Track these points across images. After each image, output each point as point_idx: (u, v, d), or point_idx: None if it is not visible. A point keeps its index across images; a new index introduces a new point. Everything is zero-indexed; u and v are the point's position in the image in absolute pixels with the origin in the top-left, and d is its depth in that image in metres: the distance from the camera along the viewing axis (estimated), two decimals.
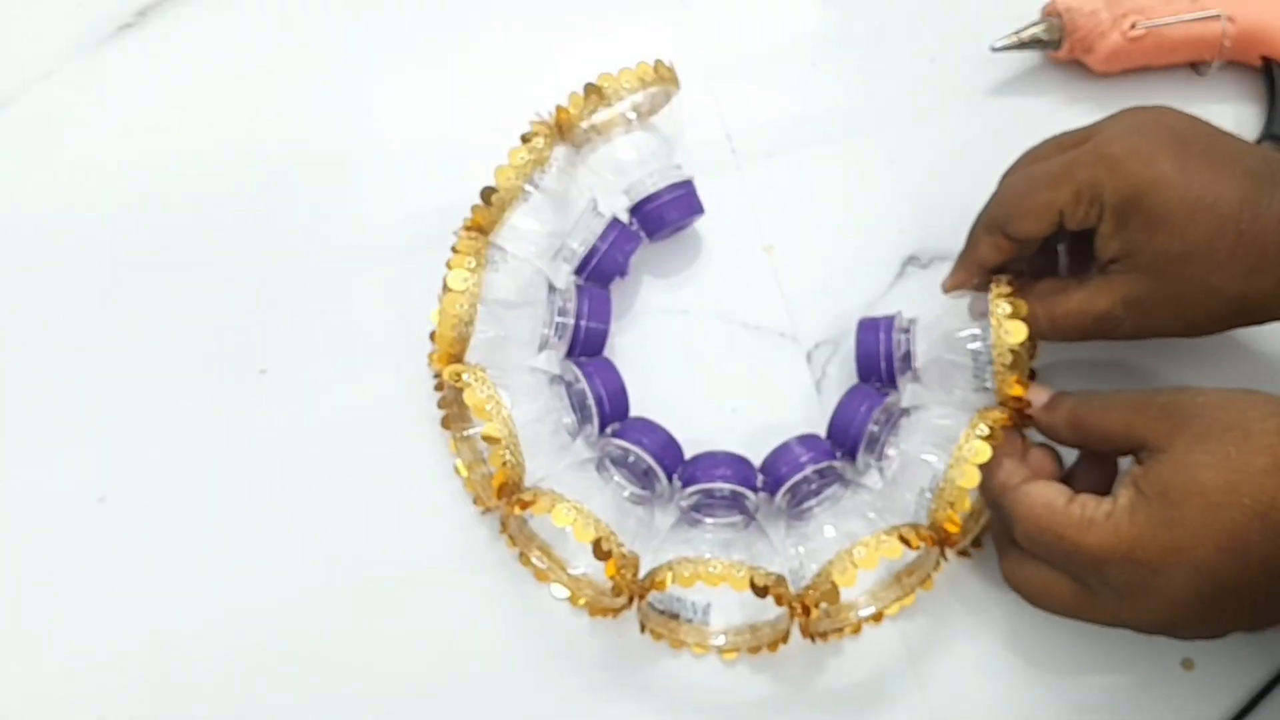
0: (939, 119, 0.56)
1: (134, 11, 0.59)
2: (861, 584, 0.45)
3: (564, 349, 0.50)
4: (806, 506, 0.46)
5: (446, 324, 0.45)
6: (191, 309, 0.53)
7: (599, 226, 0.50)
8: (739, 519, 0.46)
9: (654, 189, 0.50)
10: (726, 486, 0.46)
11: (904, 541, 0.42)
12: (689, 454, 0.48)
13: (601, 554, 0.42)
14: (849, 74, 0.58)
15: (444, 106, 0.57)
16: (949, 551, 0.45)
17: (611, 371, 0.49)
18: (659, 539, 0.46)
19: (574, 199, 0.50)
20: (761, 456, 0.48)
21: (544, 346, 0.49)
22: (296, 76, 0.58)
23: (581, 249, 0.50)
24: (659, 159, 0.51)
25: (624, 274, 0.51)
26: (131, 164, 0.56)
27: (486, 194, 0.46)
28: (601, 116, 0.50)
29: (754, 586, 0.42)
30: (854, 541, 0.42)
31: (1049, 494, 0.40)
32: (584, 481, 0.46)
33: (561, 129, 0.48)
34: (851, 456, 0.48)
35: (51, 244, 0.55)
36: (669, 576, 0.42)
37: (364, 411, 0.51)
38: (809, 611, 0.43)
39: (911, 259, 0.53)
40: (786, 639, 0.46)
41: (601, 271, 0.50)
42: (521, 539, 0.48)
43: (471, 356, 0.46)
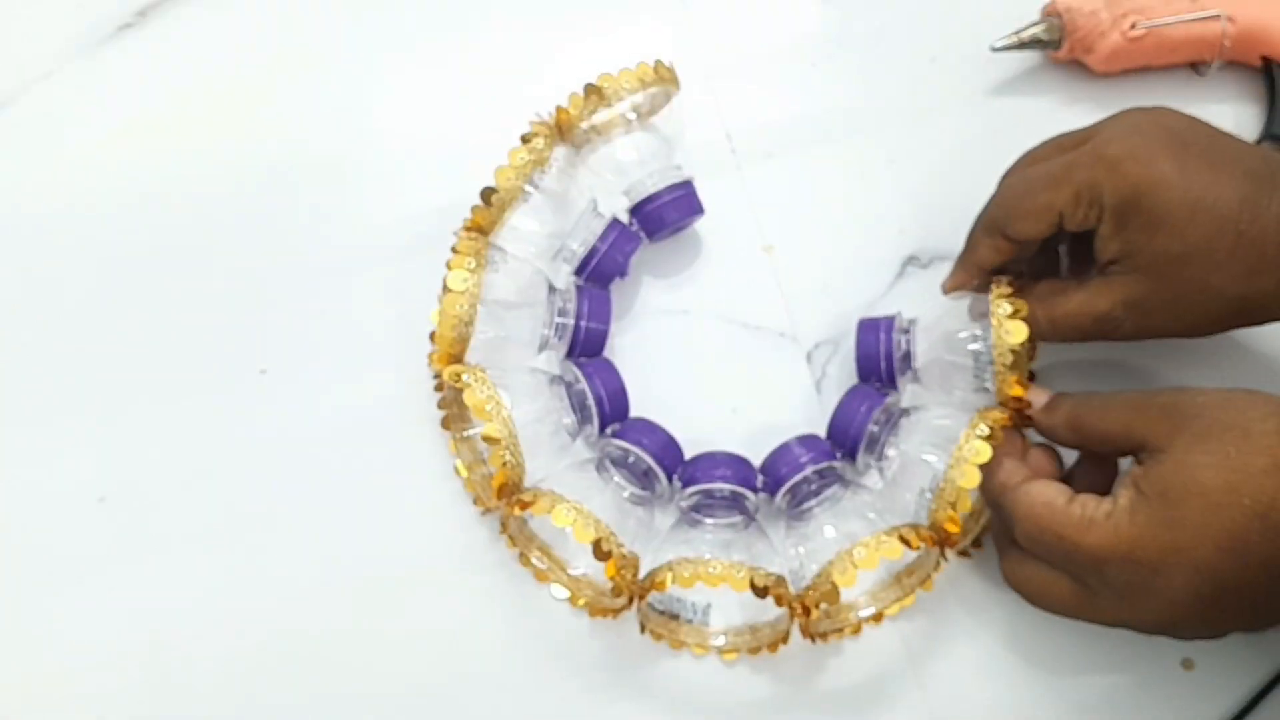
0: (939, 119, 0.56)
1: (134, 11, 0.59)
2: (861, 584, 0.45)
3: (564, 349, 0.49)
4: (806, 507, 0.46)
5: (446, 324, 0.45)
6: (191, 309, 0.53)
7: (599, 227, 0.50)
8: (739, 519, 0.46)
9: (654, 189, 0.50)
10: (726, 487, 0.46)
11: (904, 542, 0.42)
12: (689, 454, 0.48)
13: (601, 554, 0.42)
14: (849, 74, 0.57)
15: (444, 106, 0.57)
16: (949, 552, 0.45)
17: (611, 372, 0.49)
18: (659, 539, 0.46)
19: (574, 199, 0.50)
20: (761, 457, 0.48)
21: (544, 347, 0.49)
22: (296, 76, 0.58)
23: (581, 249, 0.50)
24: (659, 159, 0.51)
25: (624, 274, 0.51)
26: (131, 164, 0.56)
27: (486, 194, 0.46)
28: (601, 117, 0.50)
29: (754, 587, 0.42)
30: (854, 542, 0.42)
31: (1049, 493, 0.40)
32: (584, 482, 0.46)
33: (561, 129, 0.48)
34: (851, 457, 0.48)
35: (51, 244, 0.55)
36: (669, 577, 0.42)
37: (364, 411, 0.51)
38: (809, 612, 0.43)
39: (911, 259, 0.53)
40: (786, 639, 0.46)
41: (601, 272, 0.50)
42: (521, 539, 0.48)
43: (471, 357, 0.46)
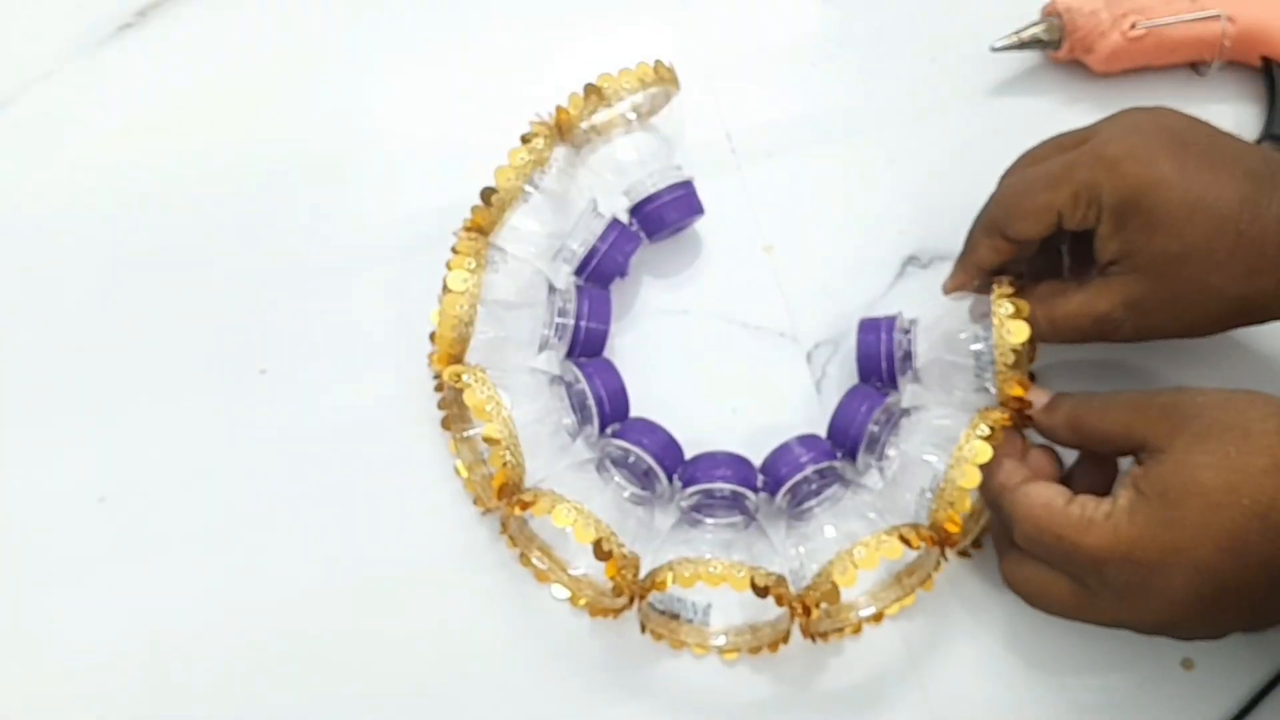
0: (939, 119, 0.56)
1: (134, 11, 0.59)
2: (862, 584, 0.45)
3: (564, 349, 0.49)
4: (807, 507, 0.46)
5: (446, 324, 0.45)
6: (191, 309, 0.53)
7: (599, 227, 0.50)
8: (739, 519, 0.46)
9: (654, 189, 0.50)
10: (727, 487, 0.46)
11: (904, 541, 0.42)
12: (689, 454, 0.48)
13: (602, 554, 0.42)
14: (849, 74, 0.57)
15: (444, 106, 0.57)
16: (949, 551, 0.45)
17: (611, 372, 0.49)
18: (659, 539, 0.46)
19: (574, 200, 0.50)
20: (761, 456, 0.48)
21: (544, 347, 0.49)
22: (296, 76, 0.58)
23: (581, 250, 0.50)
24: (659, 159, 0.51)
25: (624, 274, 0.51)
26: (131, 164, 0.56)
27: (486, 194, 0.46)
28: (601, 117, 0.50)
29: (754, 587, 0.42)
30: (854, 542, 0.42)
31: (1048, 494, 0.40)
32: (584, 482, 0.46)
33: (561, 129, 0.48)
34: (852, 456, 0.48)
35: (51, 244, 0.55)
36: (669, 577, 0.42)
37: (364, 411, 0.51)
38: (809, 612, 0.43)
39: (911, 259, 0.53)
40: (787, 639, 0.46)
41: (601, 272, 0.50)
42: (522, 540, 0.48)
43: (471, 357, 0.46)
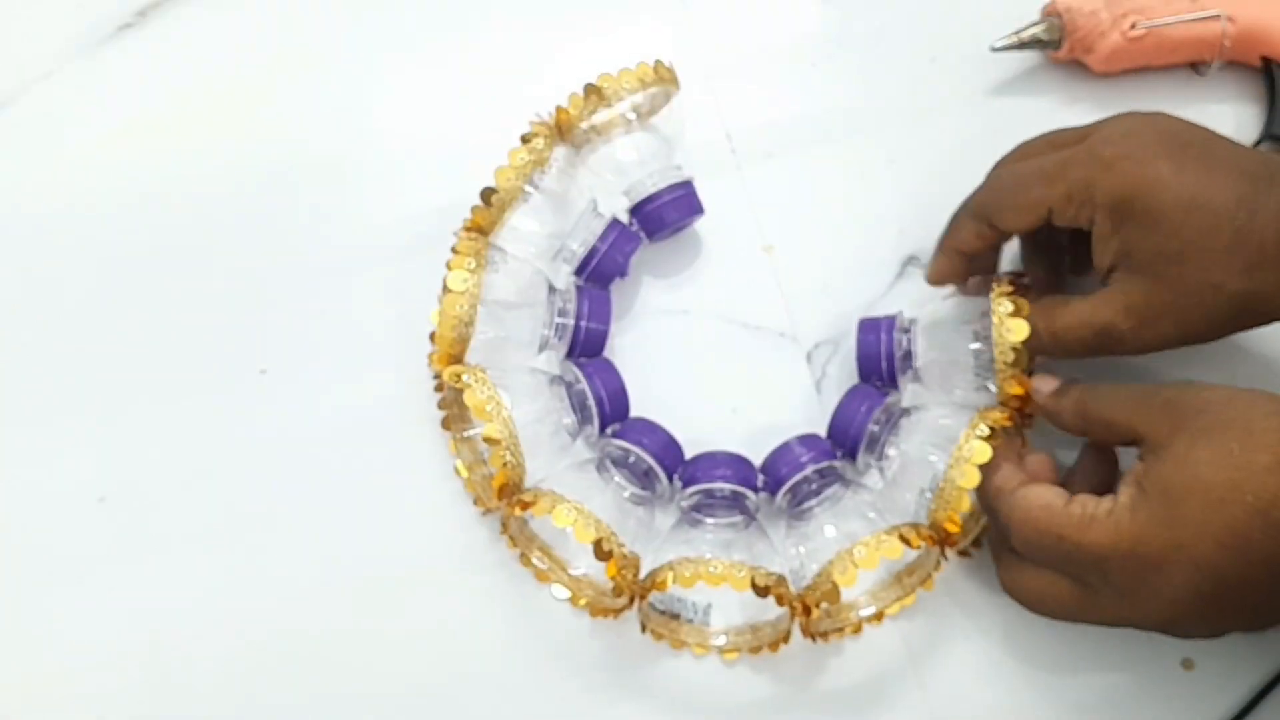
0: (939, 119, 0.56)
1: (134, 11, 0.59)
2: (862, 584, 0.45)
3: (564, 350, 0.49)
4: (807, 506, 0.46)
5: (446, 325, 0.45)
6: (191, 309, 0.53)
7: (599, 227, 0.50)
8: (739, 519, 0.46)
9: (654, 189, 0.50)
10: (727, 486, 0.46)
11: (904, 541, 0.42)
12: (689, 454, 0.48)
13: (602, 554, 0.42)
14: (849, 74, 0.57)
15: (444, 106, 0.57)
16: (949, 551, 0.45)
17: (611, 372, 0.49)
18: (659, 539, 0.46)
19: (574, 200, 0.50)
20: (761, 456, 0.48)
21: (544, 347, 0.49)
22: (296, 76, 0.58)
23: (581, 250, 0.50)
24: (659, 159, 0.51)
25: (624, 274, 0.51)
26: (131, 164, 0.56)
27: (486, 194, 0.46)
28: (601, 117, 0.50)
29: (755, 586, 0.42)
30: (854, 541, 0.42)
31: (1046, 496, 0.40)
32: (584, 482, 0.46)
33: (561, 129, 0.48)
34: (852, 456, 0.48)
35: (51, 244, 0.55)
36: (670, 577, 0.42)
37: (364, 411, 0.51)
38: (810, 611, 0.43)
39: (911, 259, 0.53)
40: (787, 639, 0.46)
41: (601, 272, 0.50)
42: (522, 540, 0.48)
43: (471, 357, 0.46)
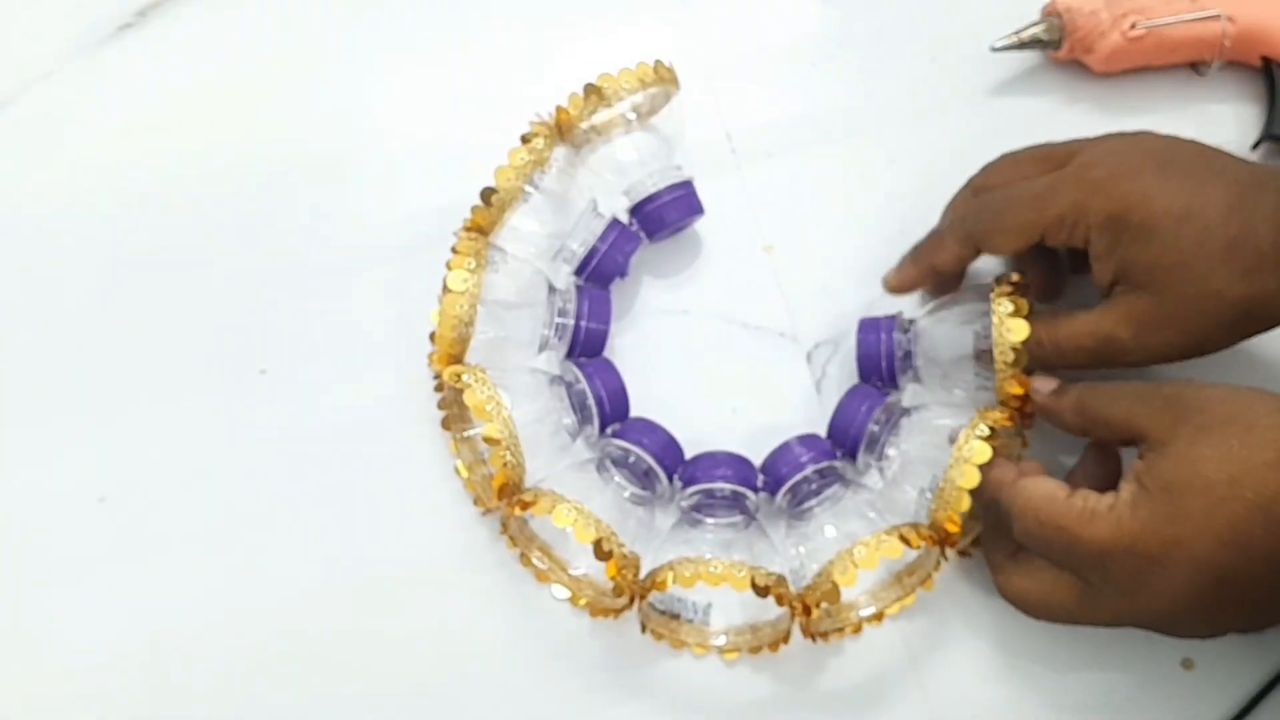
0: (939, 119, 0.56)
1: (134, 11, 0.59)
2: (862, 584, 0.45)
3: (564, 350, 0.49)
4: (807, 506, 0.46)
5: (446, 324, 0.45)
6: (191, 309, 0.53)
7: (599, 227, 0.50)
8: (739, 519, 0.46)
9: (654, 189, 0.50)
10: (727, 486, 0.46)
11: (904, 541, 0.42)
12: (689, 454, 0.48)
13: (602, 554, 0.42)
14: (849, 74, 0.57)
15: (444, 106, 0.57)
16: (949, 551, 0.45)
17: (611, 372, 0.49)
18: (659, 539, 0.46)
19: (574, 200, 0.50)
20: (761, 456, 0.48)
21: (544, 347, 0.49)
22: (296, 76, 0.58)
23: (581, 250, 0.50)
24: (659, 159, 0.51)
25: (624, 274, 0.51)
26: (131, 164, 0.56)
27: (486, 194, 0.46)
28: (601, 117, 0.50)
29: (755, 586, 0.42)
30: (854, 541, 0.42)
31: (1049, 487, 0.40)
32: (584, 482, 0.46)
33: (561, 129, 0.48)
34: (852, 456, 0.48)
35: (51, 244, 0.55)
36: (670, 577, 0.42)
37: (364, 411, 0.51)
38: (810, 611, 0.43)
39: None
40: (787, 639, 0.46)
41: (601, 272, 0.50)
42: (522, 540, 0.48)
43: (471, 357, 0.46)
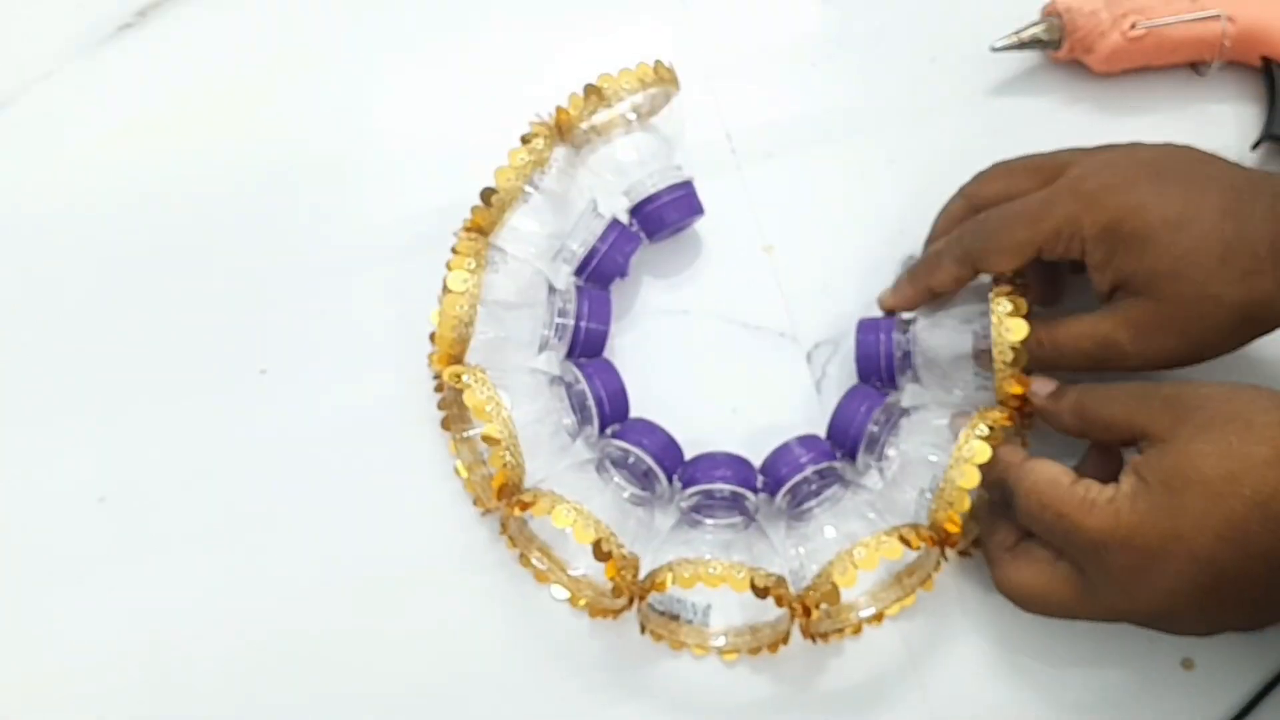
0: (939, 119, 0.56)
1: (134, 11, 0.59)
2: (862, 584, 0.45)
3: (564, 350, 0.49)
4: (807, 507, 0.46)
5: (446, 325, 0.45)
6: (191, 309, 0.53)
7: (599, 227, 0.50)
8: (739, 520, 0.46)
9: (654, 190, 0.50)
10: (726, 487, 0.46)
11: (904, 542, 0.42)
12: (689, 455, 0.48)
13: (602, 555, 0.42)
14: (849, 74, 0.57)
15: (444, 106, 0.57)
16: (949, 551, 0.45)
17: (611, 372, 0.49)
18: (659, 540, 0.46)
19: (574, 200, 0.50)
20: (761, 457, 0.48)
21: (544, 347, 0.49)
22: (296, 76, 0.58)
23: (581, 250, 0.50)
24: (659, 160, 0.51)
25: (624, 275, 0.51)
26: (131, 164, 0.56)
27: (486, 195, 0.46)
28: (601, 117, 0.50)
29: (754, 587, 0.42)
30: (854, 542, 0.42)
31: (1053, 471, 0.41)
32: (584, 483, 0.46)
33: (561, 130, 0.48)
34: (851, 457, 0.48)
35: (51, 244, 0.55)
36: (669, 577, 0.42)
37: (364, 411, 0.51)
38: (809, 612, 0.43)
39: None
40: (787, 640, 0.46)
41: (601, 272, 0.50)
42: (521, 540, 0.48)
43: (471, 357, 0.46)
